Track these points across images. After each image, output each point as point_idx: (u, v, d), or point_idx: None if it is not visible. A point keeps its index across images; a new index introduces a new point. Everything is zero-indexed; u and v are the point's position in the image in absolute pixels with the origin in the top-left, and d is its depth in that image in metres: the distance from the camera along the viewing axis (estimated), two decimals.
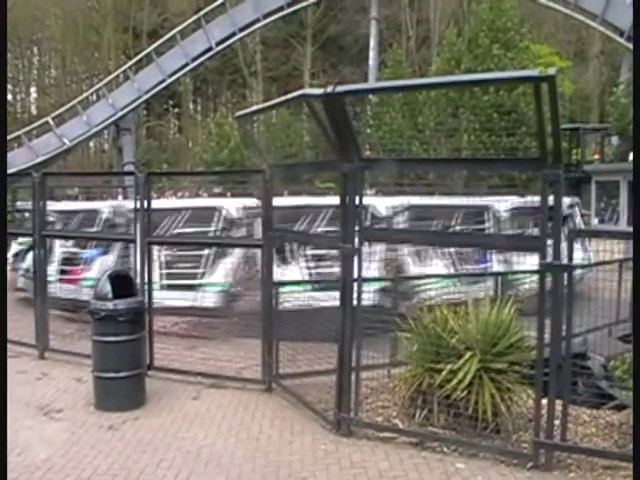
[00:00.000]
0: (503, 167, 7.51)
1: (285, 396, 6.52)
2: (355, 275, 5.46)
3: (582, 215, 13.35)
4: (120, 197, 19.48)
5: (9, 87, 48.21)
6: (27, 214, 9.97)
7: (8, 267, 11.98)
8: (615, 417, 5.70)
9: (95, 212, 10.95)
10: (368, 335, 5.90)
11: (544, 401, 4.82)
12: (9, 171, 21.65)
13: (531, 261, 5.42)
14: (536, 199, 4.87)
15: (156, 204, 8.03)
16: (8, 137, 27.93)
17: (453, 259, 10.34)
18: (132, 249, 7.47)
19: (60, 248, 10.80)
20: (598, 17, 24.64)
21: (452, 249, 9.98)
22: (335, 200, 8.16)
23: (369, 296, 6.35)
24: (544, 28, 40.85)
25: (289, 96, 5.68)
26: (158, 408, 6.29)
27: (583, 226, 13.11)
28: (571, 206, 12.29)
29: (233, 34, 29.11)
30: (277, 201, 6.73)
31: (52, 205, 10.16)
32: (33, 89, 48.94)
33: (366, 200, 9.44)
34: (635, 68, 5.04)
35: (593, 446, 5.10)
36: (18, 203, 12.49)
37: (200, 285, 9.13)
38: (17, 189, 15.77)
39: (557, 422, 4.83)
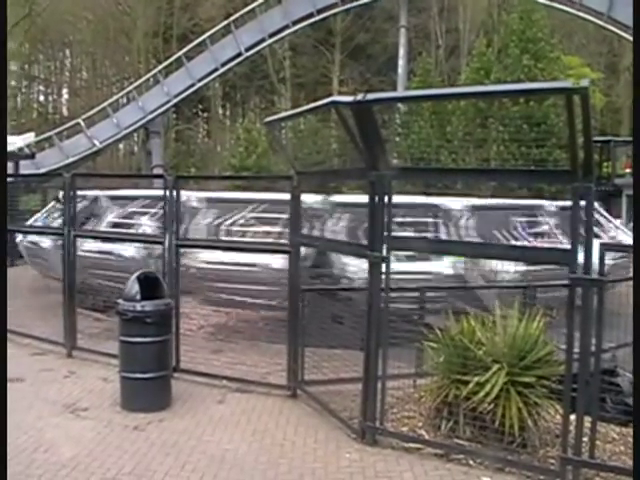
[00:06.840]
0: (533, 179, 7.42)
1: (310, 403, 6.51)
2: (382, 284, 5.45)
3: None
4: None
5: (41, 88, 49.17)
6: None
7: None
8: None
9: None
10: (394, 344, 5.88)
11: (572, 417, 4.75)
12: (40, 171, 21.96)
13: None
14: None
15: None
16: (39, 137, 28.48)
17: None
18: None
19: None
20: (630, 28, 24.34)
21: None
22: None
23: None
24: (575, 39, 40.44)
25: (318, 103, 5.68)
26: (183, 410, 6.34)
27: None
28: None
29: (262, 40, 29.30)
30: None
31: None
32: (64, 91, 49.61)
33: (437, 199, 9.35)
34: (635, 68, 4.96)
35: (622, 464, 5.00)
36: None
37: None
38: (47, 189, 16.01)
39: (585, 439, 4.76)
